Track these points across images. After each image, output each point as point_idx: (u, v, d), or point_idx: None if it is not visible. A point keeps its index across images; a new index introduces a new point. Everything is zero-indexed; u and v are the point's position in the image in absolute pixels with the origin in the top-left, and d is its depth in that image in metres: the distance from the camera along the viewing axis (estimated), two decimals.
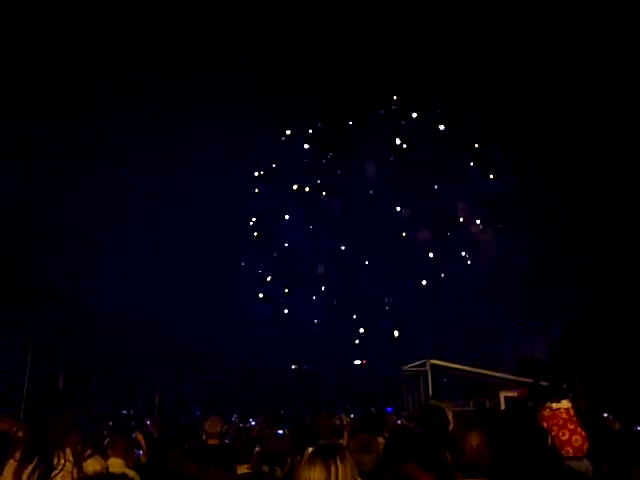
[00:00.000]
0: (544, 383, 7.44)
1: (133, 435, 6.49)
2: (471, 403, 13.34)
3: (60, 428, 3.61)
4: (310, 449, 2.75)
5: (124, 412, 16.20)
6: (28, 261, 16.91)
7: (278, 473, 3.89)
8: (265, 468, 3.88)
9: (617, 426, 7.38)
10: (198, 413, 14.96)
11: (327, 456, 2.55)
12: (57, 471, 3.42)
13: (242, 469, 3.87)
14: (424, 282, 22.60)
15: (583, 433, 5.22)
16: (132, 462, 5.28)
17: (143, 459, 6.07)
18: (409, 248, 22.82)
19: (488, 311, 20.54)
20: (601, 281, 18.57)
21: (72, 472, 3.43)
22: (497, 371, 14.01)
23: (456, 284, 21.97)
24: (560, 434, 5.13)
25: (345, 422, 8.25)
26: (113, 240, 19.23)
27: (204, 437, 5.15)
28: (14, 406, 13.53)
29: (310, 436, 5.61)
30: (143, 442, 6.76)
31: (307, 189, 24.74)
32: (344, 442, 4.67)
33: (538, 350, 18.79)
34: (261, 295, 25.10)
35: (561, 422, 5.22)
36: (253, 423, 13.52)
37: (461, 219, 22.94)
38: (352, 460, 2.62)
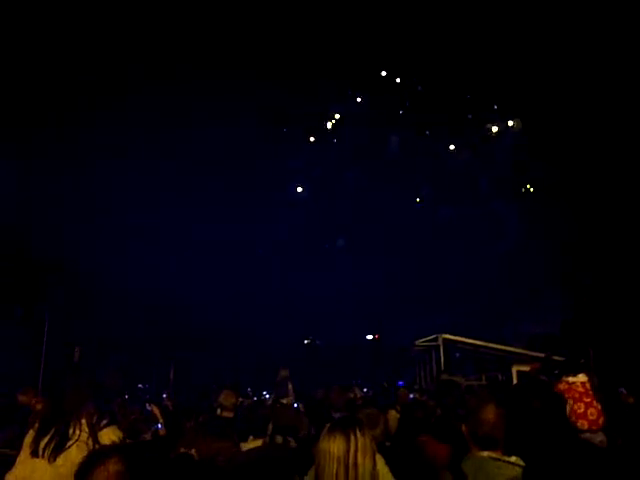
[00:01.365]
0: (557, 358, 7.42)
1: (149, 408, 6.56)
2: (483, 377, 13.38)
3: (76, 399, 3.65)
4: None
5: (140, 386, 16.41)
6: (42, 235, 17.00)
7: (292, 444, 3.90)
8: (279, 439, 3.89)
9: (631, 400, 7.38)
10: (213, 387, 15.16)
11: (346, 427, 2.54)
12: (72, 441, 3.47)
13: (258, 442, 3.89)
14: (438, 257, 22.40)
15: (599, 407, 5.21)
16: (151, 435, 5.33)
17: (162, 432, 6.14)
18: (425, 223, 22.63)
19: (504, 286, 20.46)
20: (615, 256, 18.41)
21: (87, 442, 3.47)
22: (510, 346, 13.98)
23: (472, 259, 21.78)
24: (576, 407, 5.13)
25: (358, 396, 8.33)
26: (129, 213, 19.25)
27: (218, 410, 5.18)
28: (32, 380, 13.75)
29: (324, 410, 5.65)
30: (159, 415, 6.83)
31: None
32: None
33: (552, 326, 18.72)
34: (274, 270, 25.10)
35: (577, 395, 5.22)
36: (267, 396, 13.70)
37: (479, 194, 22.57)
38: (370, 432, 2.62)
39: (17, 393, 7.05)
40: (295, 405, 7.76)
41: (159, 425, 5.75)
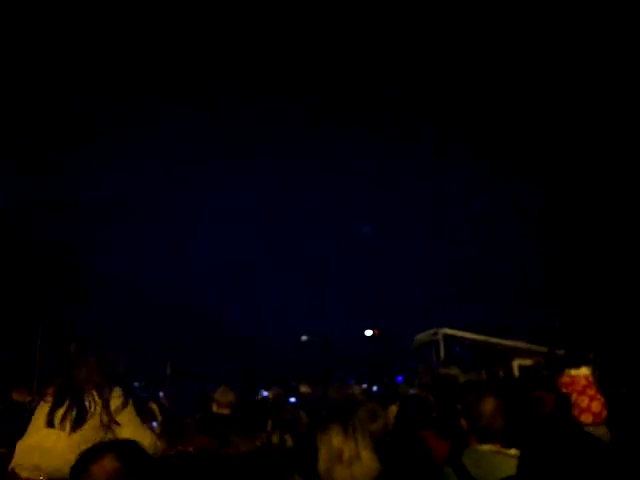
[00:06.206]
0: (560, 352, 7.35)
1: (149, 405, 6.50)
2: (484, 372, 13.28)
3: (86, 372, 3.61)
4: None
5: (136, 384, 16.35)
6: (38, 228, 16.97)
7: (289, 442, 3.85)
8: (274, 438, 3.84)
9: (624, 392, 7.35)
10: (211, 385, 15.17)
11: (345, 421, 2.52)
12: (89, 414, 3.44)
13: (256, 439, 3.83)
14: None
15: (602, 400, 5.14)
16: None
17: (157, 430, 6.08)
18: (424, 216, 22.51)
19: (504, 279, 20.37)
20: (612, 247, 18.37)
21: (101, 416, 3.45)
22: (511, 340, 13.87)
23: (473, 251, 21.63)
24: (579, 401, 5.05)
25: (357, 392, 8.26)
26: (126, 209, 19.21)
27: (215, 407, 5.12)
28: (27, 378, 13.70)
29: (322, 406, 5.58)
30: (158, 413, 6.77)
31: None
32: None
33: (554, 319, 18.64)
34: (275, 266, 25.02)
35: (580, 388, 5.14)
36: (265, 394, 13.61)
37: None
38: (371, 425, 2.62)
39: (11, 391, 7.04)
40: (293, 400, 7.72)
41: (154, 423, 5.70)
